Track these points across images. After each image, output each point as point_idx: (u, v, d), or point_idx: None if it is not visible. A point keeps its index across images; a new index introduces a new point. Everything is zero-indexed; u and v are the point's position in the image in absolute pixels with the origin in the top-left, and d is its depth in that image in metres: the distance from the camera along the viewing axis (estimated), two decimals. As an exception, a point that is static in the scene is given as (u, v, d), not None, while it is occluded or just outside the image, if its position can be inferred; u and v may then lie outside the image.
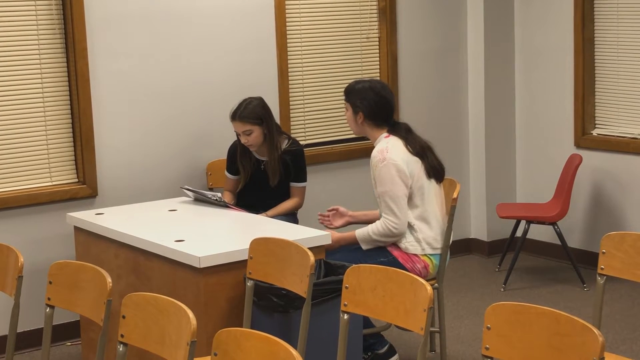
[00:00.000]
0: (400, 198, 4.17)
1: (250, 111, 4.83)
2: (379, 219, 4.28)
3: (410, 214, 4.22)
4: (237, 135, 4.90)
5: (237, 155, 4.98)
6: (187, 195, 4.89)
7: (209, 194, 4.72)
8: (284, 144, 4.95)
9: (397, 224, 4.17)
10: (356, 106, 4.31)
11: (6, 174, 4.88)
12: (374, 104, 4.29)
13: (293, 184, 4.99)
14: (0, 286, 3.52)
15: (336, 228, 4.53)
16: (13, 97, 4.86)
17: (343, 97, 4.44)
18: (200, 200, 4.80)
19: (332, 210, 4.54)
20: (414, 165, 4.22)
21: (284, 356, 2.40)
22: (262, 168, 4.95)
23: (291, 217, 4.94)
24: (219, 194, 4.72)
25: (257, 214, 4.66)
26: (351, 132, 5.78)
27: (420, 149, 4.27)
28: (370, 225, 4.26)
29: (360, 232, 4.27)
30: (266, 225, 4.29)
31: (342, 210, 4.53)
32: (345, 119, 5.73)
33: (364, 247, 4.27)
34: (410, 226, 4.22)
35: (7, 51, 4.82)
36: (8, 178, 4.89)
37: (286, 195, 4.99)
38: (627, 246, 3.37)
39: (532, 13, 6.26)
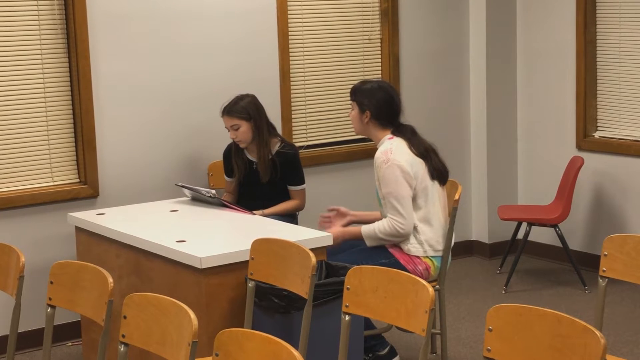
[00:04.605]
0: (405, 198, 4.17)
1: (240, 107, 4.89)
2: (381, 219, 4.28)
3: (414, 215, 4.22)
4: (228, 130, 4.94)
5: (232, 155, 5.00)
6: (185, 194, 4.90)
7: (203, 190, 4.73)
8: (276, 146, 4.95)
9: (404, 224, 4.17)
10: (363, 105, 4.30)
11: (8, 174, 4.89)
12: (383, 103, 4.29)
13: (290, 187, 4.99)
14: (2, 286, 3.52)
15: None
16: (15, 97, 4.86)
17: (347, 98, 4.44)
18: (196, 198, 4.82)
19: (333, 210, 4.53)
20: (418, 167, 4.22)
21: (285, 357, 2.40)
22: (254, 167, 4.96)
23: (290, 218, 4.94)
24: (213, 191, 4.73)
25: (252, 212, 4.66)
26: (352, 133, 5.81)
27: (424, 150, 4.27)
28: (376, 222, 4.25)
29: (366, 229, 4.26)
30: (267, 226, 4.29)
31: (344, 211, 4.52)
32: (346, 120, 5.80)
33: (369, 243, 4.27)
34: (413, 228, 4.22)
35: (9, 51, 4.82)
36: (10, 178, 4.89)
37: (280, 197, 4.98)
38: (629, 248, 3.37)
39: (534, 15, 6.26)
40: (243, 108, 4.89)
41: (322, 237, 4.05)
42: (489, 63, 6.28)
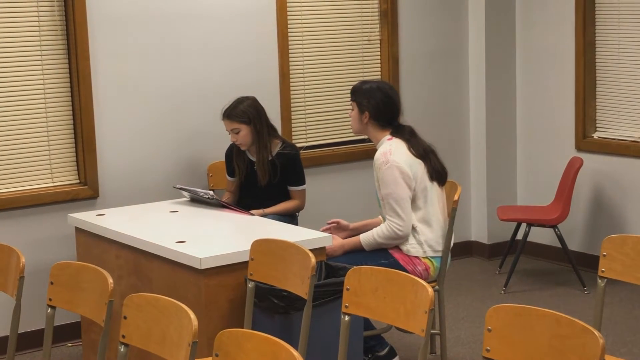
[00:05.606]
0: (404, 200, 4.17)
1: (240, 110, 4.89)
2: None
3: (413, 216, 4.22)
4: (228, 133, 4.95)
5: (233, 155, 5.02)
6: (183, 195, 4.91)
7: (201, 191, 4.74)
8: (277, 147, 4.95)
9: (402, 226, 4.18)
10: (362, 105, 4.31)
11: (8, 175, 4.89)
12: (381, 104, 4.29)
13: (291, 187, 5.00)
14: (2, 287, 3.52)
15: None
16: (15, 98, 4.87)
17: (347, 98, 4.44)
18: (195, 199, 4.82)
19: (333, 223, 4.51)
20: (417, 168, 4.23)
21: (285, 357, 2.40)
22: (255, 168, 4.97)
23: (290, 218, 4.95)
24: (211, 192, 4.74)
25: (250, 212, 4.66)
26: (352, 134, 5.81)
27: (423, 151, 4.28)
28: (374, 228, 4.26)
29: (365, 236, 4.26)
30: (267, 227, 4.29)
31: (343, 224, 4.48)
32: (346, 121, 5.80)
33: (369, 250, 4.27)
34: (412, 228, 4.22)
35: (9, 52, 4.83)
36: (10, 179, 4.90)
37: (280, 197, 4.99)
38: (628, 249, 3.38)
39: (534, 16, 6.26)
40: (243, 112, 4.89)
41: (322, 237, 4.05)
42: (488, 64, 6.29)
